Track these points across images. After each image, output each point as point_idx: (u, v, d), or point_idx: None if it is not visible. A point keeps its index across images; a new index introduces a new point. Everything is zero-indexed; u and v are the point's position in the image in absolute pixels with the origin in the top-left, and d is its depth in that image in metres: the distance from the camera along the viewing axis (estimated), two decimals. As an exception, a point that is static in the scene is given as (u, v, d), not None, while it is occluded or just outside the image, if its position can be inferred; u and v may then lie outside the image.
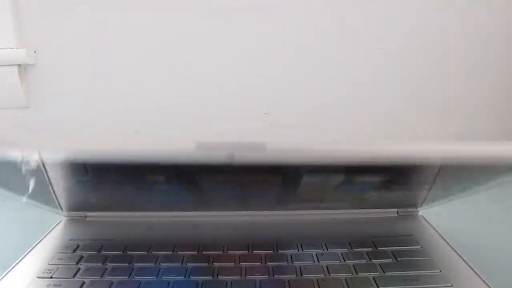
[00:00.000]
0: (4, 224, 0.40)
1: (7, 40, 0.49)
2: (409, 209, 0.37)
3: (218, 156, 0.22)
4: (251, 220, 0.36)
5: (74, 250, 0.32)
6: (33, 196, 0.33)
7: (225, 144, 0.22)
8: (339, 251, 0.31)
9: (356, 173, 0.29)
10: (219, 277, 0.28)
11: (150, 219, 0.36)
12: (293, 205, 0.35)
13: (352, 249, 0.31)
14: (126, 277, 0.28)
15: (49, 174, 0.29)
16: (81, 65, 0.51)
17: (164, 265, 0.30)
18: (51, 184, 0.31)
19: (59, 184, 0.31)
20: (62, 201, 0.34)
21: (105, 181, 0.31)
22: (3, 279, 0.28)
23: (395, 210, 0.37)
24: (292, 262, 0.30)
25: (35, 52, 0.50)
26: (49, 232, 0.35)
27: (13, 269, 0.29)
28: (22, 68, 0.50)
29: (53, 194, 0.33)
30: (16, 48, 0.49)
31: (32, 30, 0.50)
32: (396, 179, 0.30)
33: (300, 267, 0.29)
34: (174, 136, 0.52)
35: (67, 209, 0.35)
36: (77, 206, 0.35)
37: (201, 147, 0.22)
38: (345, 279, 0.28)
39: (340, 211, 0.36)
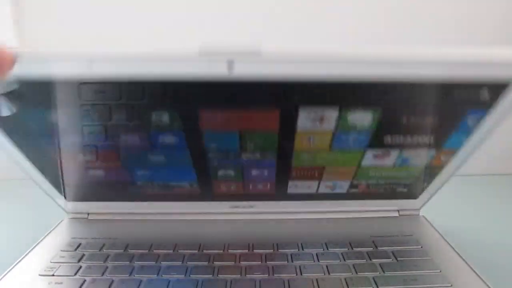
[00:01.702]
0: (7, 222, 0.41)
1: (7, 40, 0.49)
2: (410, 209, 0.37)
3: (218, 63, 0.24)
4: (251, 219, 0.36)
5: (76, 248, 0.32)
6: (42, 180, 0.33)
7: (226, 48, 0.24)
8: (339, 250, 0.31)
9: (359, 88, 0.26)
10: (219, 275, 0.28)
11: (151, 218, 0.36)
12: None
13: (352, 249, 0.31)
14: (127, 275, 0.28)
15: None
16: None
17: (164, 263, 0.30)
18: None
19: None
20: (68, 190, 0.34)
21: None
22: (5, 277, 0.29)
23: (396, 210, 0.37)
24: (292, 261, 0.30)
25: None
26: (51, 230, 0.35)
27: (15, 267, 0.30)
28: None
29: (60, 180, 0.33)
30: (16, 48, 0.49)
31: (32, 30, 0.50)
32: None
33: (300, 266, 0.29)
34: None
35: (72, 199, 0.35)
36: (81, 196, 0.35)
37: (203, 50, 0.23)
38: (345, 279, 0.28)
39: (340, 210, 0.36)
